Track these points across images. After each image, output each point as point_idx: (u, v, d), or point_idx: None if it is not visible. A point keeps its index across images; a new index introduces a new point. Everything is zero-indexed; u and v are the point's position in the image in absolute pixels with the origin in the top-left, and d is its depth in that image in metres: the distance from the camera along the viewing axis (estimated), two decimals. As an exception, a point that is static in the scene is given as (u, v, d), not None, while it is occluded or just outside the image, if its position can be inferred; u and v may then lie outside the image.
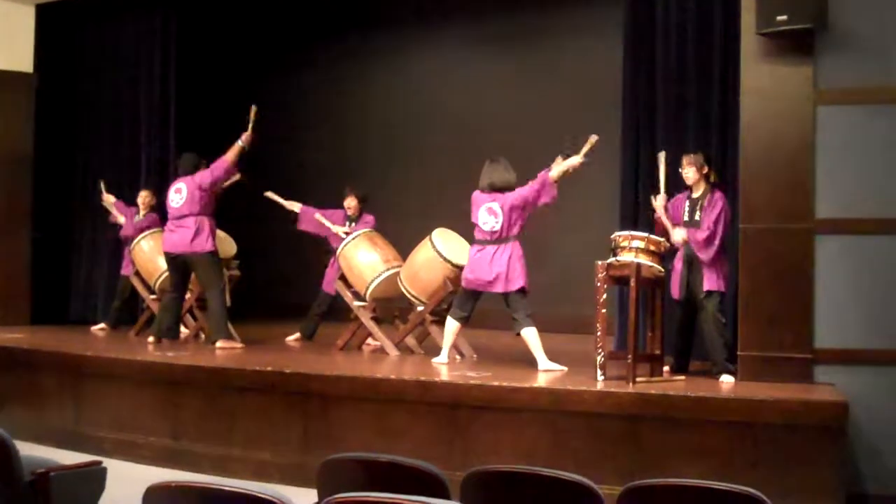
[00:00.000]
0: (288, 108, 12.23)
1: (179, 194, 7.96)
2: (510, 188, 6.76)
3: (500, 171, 6.81)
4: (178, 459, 6.55)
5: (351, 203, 8.58)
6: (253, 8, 11.70)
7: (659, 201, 6.52)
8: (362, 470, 3.36)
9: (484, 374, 6.24)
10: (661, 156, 6.65)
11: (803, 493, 5.15)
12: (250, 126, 8.02)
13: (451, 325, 6.87)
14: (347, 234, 8.11)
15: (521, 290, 6.60)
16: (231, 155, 7.97)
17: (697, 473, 4.73)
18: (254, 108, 8.08)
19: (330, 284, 8.52)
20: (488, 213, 6.69)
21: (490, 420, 5.80)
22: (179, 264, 7.96)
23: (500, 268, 6.57)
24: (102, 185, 9.57)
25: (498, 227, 6.64)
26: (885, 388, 5.74)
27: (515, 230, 6.68)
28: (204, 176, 7.95)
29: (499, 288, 6.61)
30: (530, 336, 6.56)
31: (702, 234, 6.24)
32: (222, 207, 8.32)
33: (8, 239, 9.95)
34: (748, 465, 5.24)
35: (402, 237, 8.11)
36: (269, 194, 8.62)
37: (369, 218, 8.53)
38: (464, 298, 6.84)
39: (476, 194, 6.82)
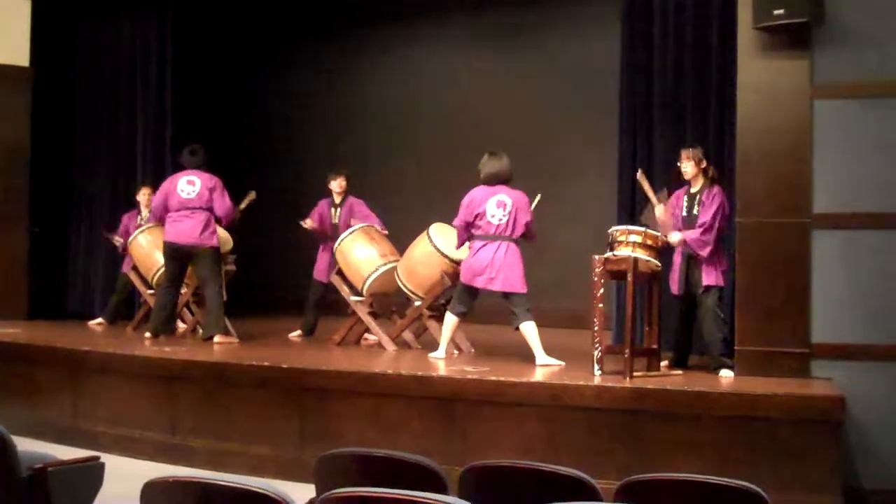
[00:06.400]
0: (285, 103, 12.23)
1: (193, 186, 7.93)
2: (510, 180, 6.79)
3: (502, 163, 6.80)
4: (175, 454, 6.55)
5: (343, 184, 8.58)
6: (250, 4, 11.68)
7: (658, 211, 6.44)
8: (360, 465, 3.36)
9: (482, 368, 6.25)
10: (640, 174, 6.60)
11: (800, 487, 5.16)
12: (241, 207, 8.28)
13: (450, 319, 6.88)
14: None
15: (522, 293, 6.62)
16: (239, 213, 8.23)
17: (695, 468, 4.74)
18: (251, 194, 8.36)
19: (321, 273, 8.55)
20: (497, 205, 6.66)
21: (488, 414, 5.80)
22: (181, 255, 7.93)
23: (503, 266, 6.56)
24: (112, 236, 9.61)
25: (505, 221, 6.63)
26: (881, 382, 5.75)
27: (517, 232, 6.68)
28: (223, 203, 8.00)
29: (499, 286, 6.61)
30: (529, 330, 6.56)
31: (696, 233, 6.24)
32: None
33: (5, 233, 9.93)
34: (745, 460, 5.25)
35: (399, 232, 8.10)
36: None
37: (358, 203, 8.55)
38: (463, 294, 6.83)
39: (481, 188, 6.78)
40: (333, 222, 8.56)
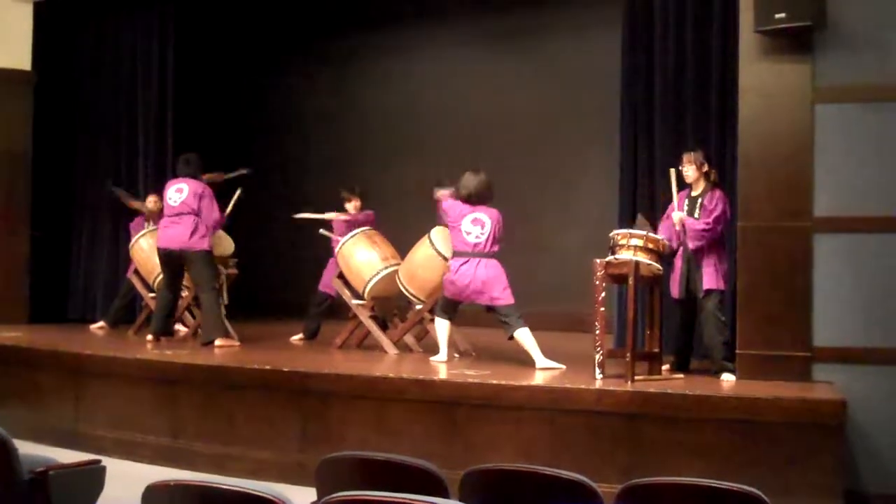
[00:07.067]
0: (286, 106, 12.24)
1: (180, 193, 7.96)
2: (489, 201, 6.89)
3: (482, 183, 6.87)
4: (176, 458, 6.55)
5: (358, 205, 8.56)
6: (252, 7, 11.70)
7: (676, 216, 6.45)
8: (361, 468, 3.36)
9: (483, 372, 6.25)
10: (673, 172, 6.51)
11: (802, 491, 5.15)
12: (230, 175, 8.34)
13: (443, 323, 6.92)
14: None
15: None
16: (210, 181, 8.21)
17: (696, 472, 4.72)
18: (238, 193, 8.41)
19: (327, 285, 8.53)
20: (473, 223, 6.76)
21: (489, 418, 5.80)
22: (174, 260, 7.95)
23: (485, 282, 6.63)
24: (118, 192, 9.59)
25: (482, 241, 6.71)
26: (883, 386, 5.74)
27: (497, 247, 6.76)
28: (210, 205, 8.00)
29: (485, 300, 6.68)
30: (524, 337, 6.57)
31: (699, 225, 6.25)
32: (221, 205, 8.30)
33: (7, 237, 9.93)
34: (747, 464, 5.24)
35: (400, 235, 8.10)
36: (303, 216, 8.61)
37: (369, 213, 8.55)
38: (447, 303, 6.91)
39: (456, 203, 6.89)
40: None
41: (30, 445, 6.05)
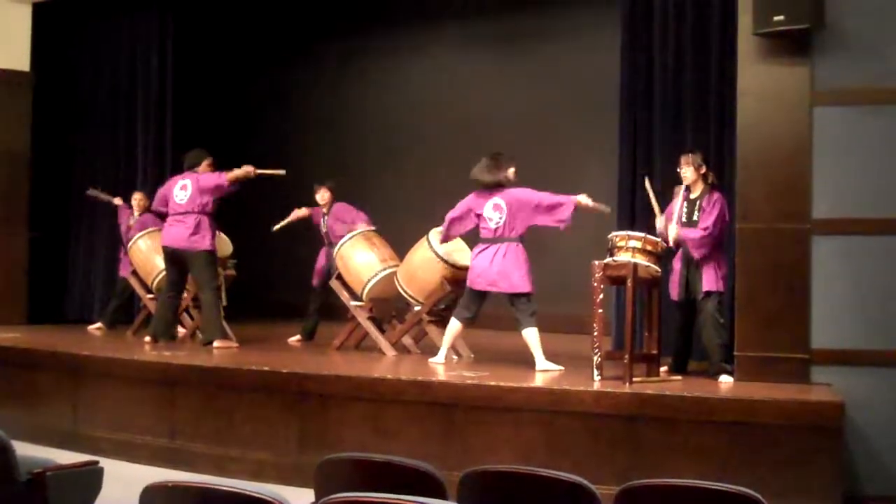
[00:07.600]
0: (285, 107, 12.24)
1: (185, 191, 7.95)
2: (505, 185, 6.75)
3: (482, 170, 6.80)
4: (174, 459, 6.54)
5: (325, 195, 8.61)
6: (250, 7, 11.70)
7: (659, 223, 6.51)
8: (359, 470, 3.36)
9: (481, 373, 6.24)
10: (646, 181, 6.70)
11: (800, 493, 5.15)
12: (263, 171, 7.99)
13: (454, 325, 6.85)
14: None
15: (527, 293, 6.61)
16: (232, 176, 7.93)
17: (694, 473, 4.74)
18: (281, 172, 8.10)
19: (317, 279, 8.63)
20: (493, 208, 6.69)
21: (487, 420, 5.79)
22: (176, 259, 7.95)
23: (505, 267, 6.56)
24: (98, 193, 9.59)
25: (501, 224, 6.63)
26: (881, 388, 5.74)
27: (517, 232, 6.67)
28: (208, 179, 7.94)
29: (501, 288, 6.60)
30: (531, 336, 6.55)
31: (696, 234, 6.26)
32: (220, 206, 8.29)
33: (5, 238, 9.94)
34: (745, 466, 5.24)
35: (399, 237, 8.10)
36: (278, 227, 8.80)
37: (341, 209, 8.57)
38: (469, 299, 6.80)
39: (477, 194, 6.81)
40: (323, 231, 8.61)
41: (28, 446, 6.03)
